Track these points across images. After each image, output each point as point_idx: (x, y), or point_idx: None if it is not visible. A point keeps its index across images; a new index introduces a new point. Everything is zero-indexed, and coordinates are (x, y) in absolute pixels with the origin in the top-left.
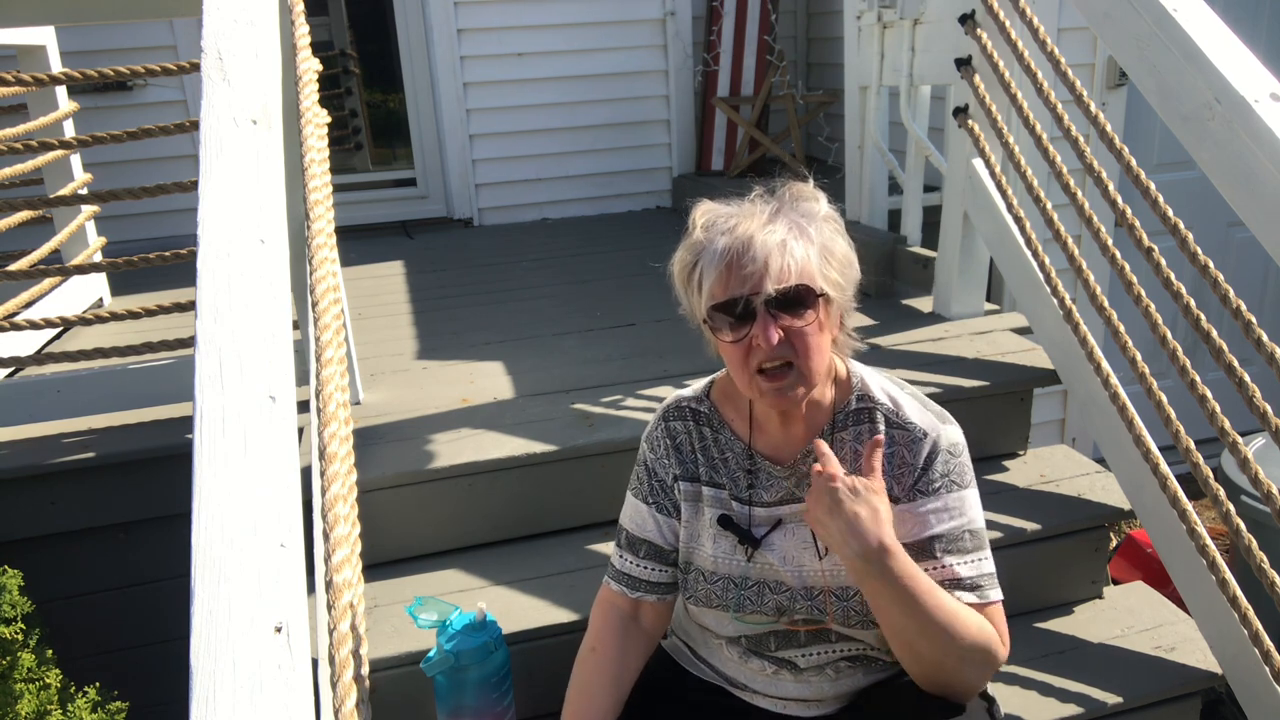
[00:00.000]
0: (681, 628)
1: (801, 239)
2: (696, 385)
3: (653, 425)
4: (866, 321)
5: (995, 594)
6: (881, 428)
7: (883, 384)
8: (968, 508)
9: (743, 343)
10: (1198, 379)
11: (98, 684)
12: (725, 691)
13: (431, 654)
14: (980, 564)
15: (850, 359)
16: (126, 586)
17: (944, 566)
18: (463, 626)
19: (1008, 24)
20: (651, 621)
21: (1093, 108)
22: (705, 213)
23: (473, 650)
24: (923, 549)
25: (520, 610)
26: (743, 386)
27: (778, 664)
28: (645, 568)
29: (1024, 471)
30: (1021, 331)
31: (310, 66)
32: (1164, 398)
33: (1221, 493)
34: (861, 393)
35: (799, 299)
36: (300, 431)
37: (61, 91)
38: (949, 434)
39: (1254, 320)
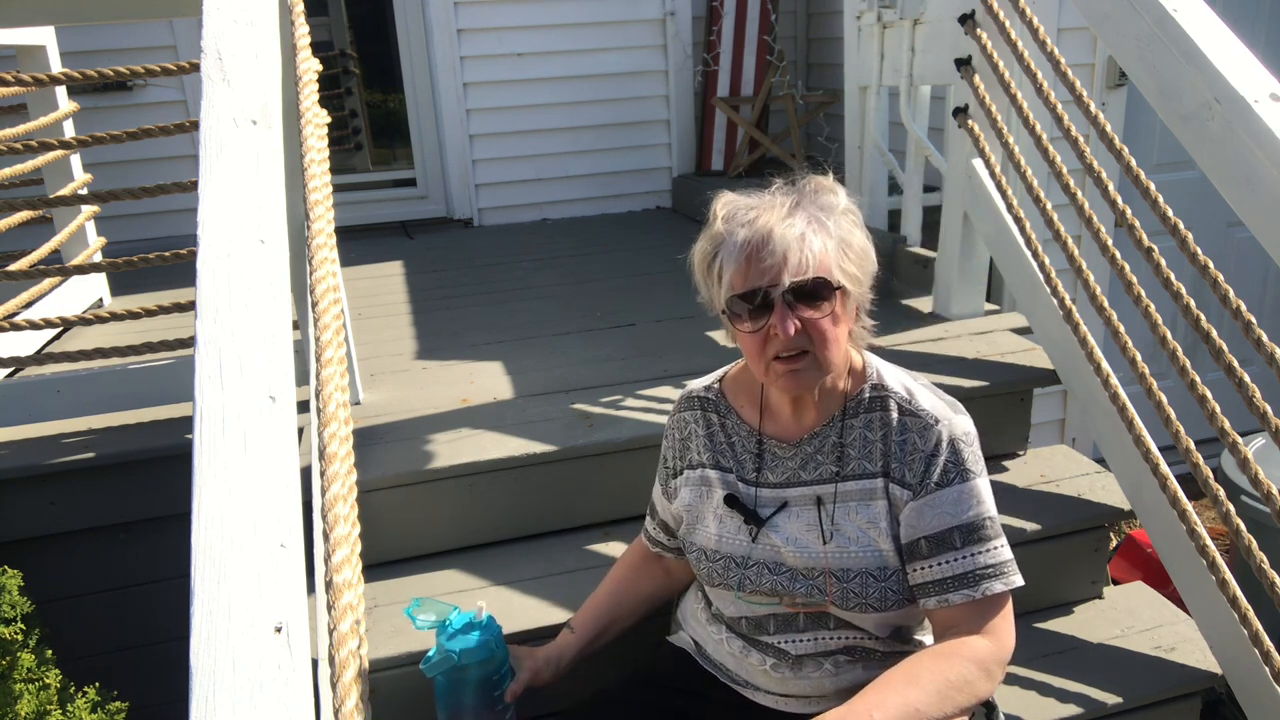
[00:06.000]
0: (689, 624)
1: (820, 232)
2: (709, 376)
3: (669, 417)
4: (866, 322)
5: (1018, 579)
6: (894, 415)
7: (898, 375)
8: (983, 495)
9: (760, 333)
10: (1198, 379)
11: (97, 684)
12: (729, 689)
13: (431, 654)
14: (1000, 551)
15: (866, 351)
16: (126, 586)
17: (967, 556)
18: (462, 625)
19: (1008, 24)
20: (671, 563)
21: (1092, 108)
22: (726, 204)
23: (472, 649)
24: (942, 541)
25: (520, 610)
26: (759, 374)
27: (777, 655)
28: (660, 534)
29: (1024, 471)
30: (1021, 331)
31: (310, 66)
32: (1164, 398)
33: (1221, 493)
34: (876, 382)
35: (815, 291)
36: (300, 431)
37: (61, 91)
38: (961, 423)
39: (1254, 320)
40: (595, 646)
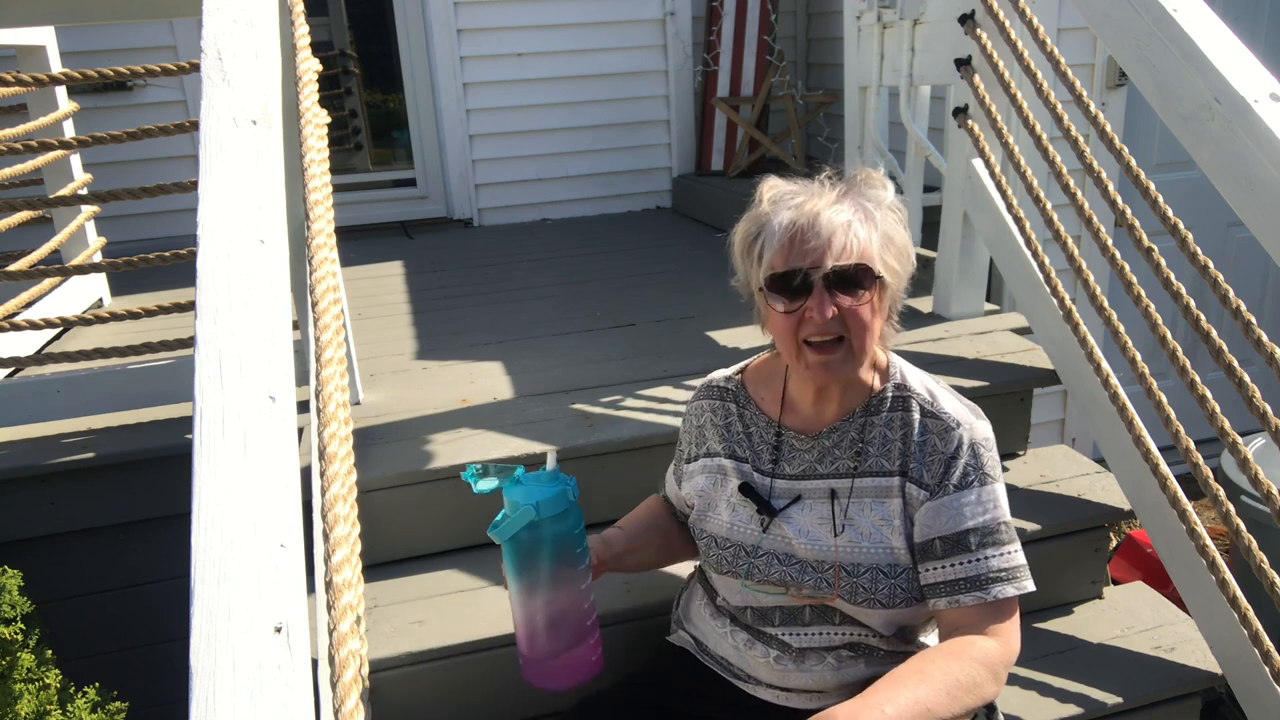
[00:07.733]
0: (690, 621)
1: (866, 222)
2: (732, 367)
3: (688, 404)
4: (895, 321)
5: (1030, 584)
6: (916, 416)
7: (921, 377)
8: (1000, 500)
9: (795, 315)
10: (1198, 379)
11: (97, 684)
12: (731, 685)
13: (499, 518)
14: (1014, 556)
15: (890, 351)
16: (126, 587)
17: (980, 559)
18: (533, 478)
19: (1007, 24)
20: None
21: (1092, 108)
22: (772, 188)
23: (550, 500)
24: (957, 542)
25: None
26: (789, 358)
27: (780, 648)
28: (670, 497)
29: (1024, 471)
30: (1021, 331)
31: (310, 66)
32: (1164, 398)
33: (1221, 493)
34: (900, 382)
35: (857, 278)
36: (300, 431)
37: (61, 91)
38: (981, 428)
39: (1254, 320)
40: (634, 549)
